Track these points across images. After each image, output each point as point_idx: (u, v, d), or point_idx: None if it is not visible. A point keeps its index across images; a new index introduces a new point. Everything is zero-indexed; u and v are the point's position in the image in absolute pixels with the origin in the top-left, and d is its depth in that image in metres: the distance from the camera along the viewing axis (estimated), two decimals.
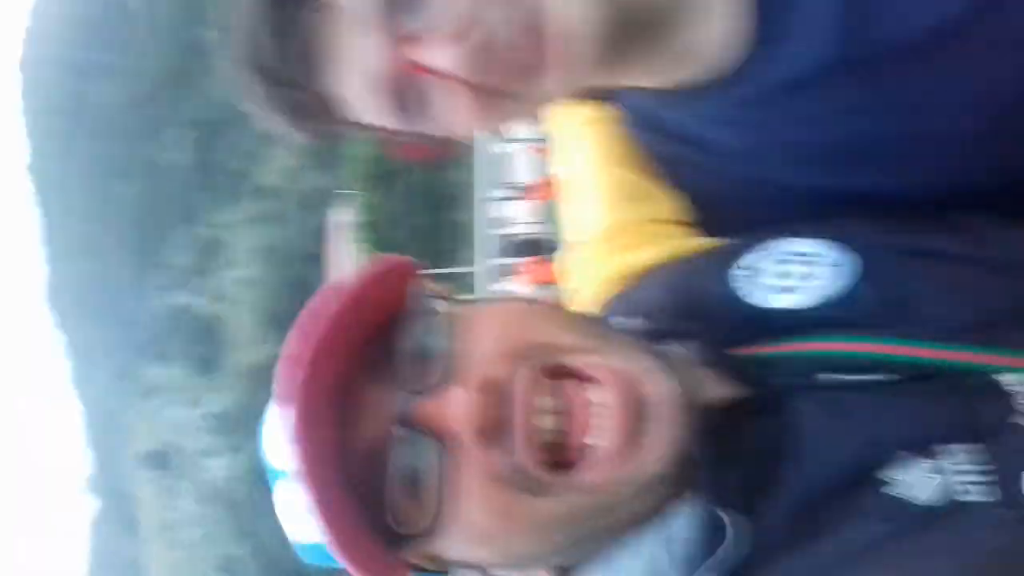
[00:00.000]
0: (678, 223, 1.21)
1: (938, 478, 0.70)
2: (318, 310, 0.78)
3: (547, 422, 0.74)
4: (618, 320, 1.02)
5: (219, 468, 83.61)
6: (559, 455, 0.74)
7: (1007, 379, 0.79)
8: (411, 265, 0.87)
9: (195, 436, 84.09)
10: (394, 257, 0.86)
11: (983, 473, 0.70)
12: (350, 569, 0.75)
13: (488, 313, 0.83)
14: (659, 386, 0.75)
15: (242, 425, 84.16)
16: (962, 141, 1.00)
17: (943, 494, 0.69)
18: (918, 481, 0.71)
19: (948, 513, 0.68)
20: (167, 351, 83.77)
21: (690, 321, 0.94)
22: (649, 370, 0.77)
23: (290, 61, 0.93)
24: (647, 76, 1.07)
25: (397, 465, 0.75)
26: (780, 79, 1.00)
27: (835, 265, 0.91)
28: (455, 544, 0.78)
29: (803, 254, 0.94)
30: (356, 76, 0.92)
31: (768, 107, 1.03)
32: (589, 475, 0.73)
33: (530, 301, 0.86)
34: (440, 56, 0.87)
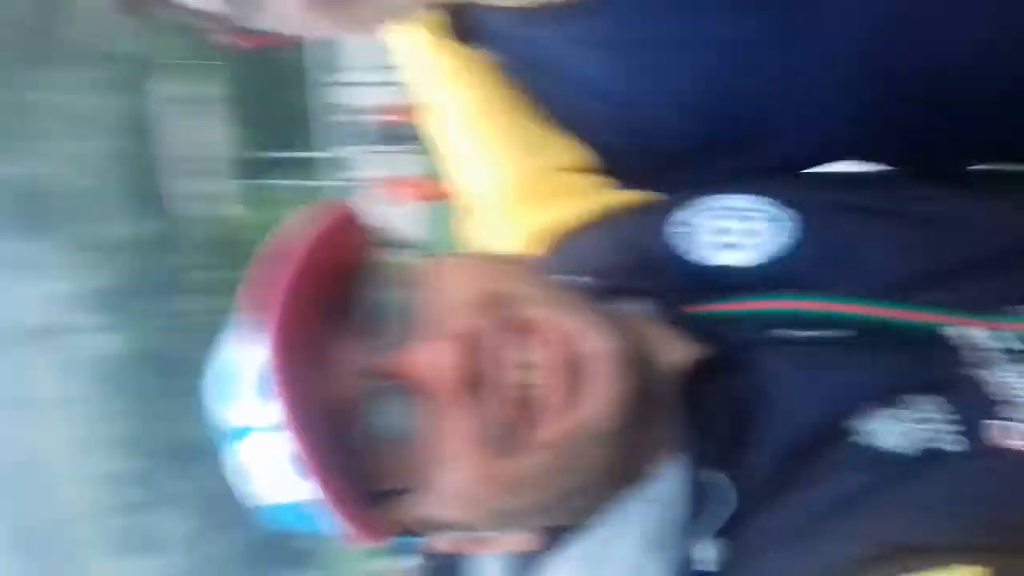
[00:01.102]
0: (586, 170, 1.18)
1: (903, 426, 0.74)
2: (278, 257, 0.77)
3: (514, 376, 0.77)
4: (557, 277, 1.00)
5: (109, 346, 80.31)
6: (521, 413, 0.76)
7: (950, 333, 0.84)
8: (365, 215, 0.87)
9: (80, 312, 79.94)
10: (344, 205, 0.85)
11: (949, 423, 0.74)
12: (342, 526, 0.76)
13: (450, 264, 0.85)
14: (598, 343, 0.78)
15: (120, 302, 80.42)
16: (838, 80, 1.00)
17: (911, 442, 0.73)
18: (884, 429, 0.75)
19: (922, 462, 0.72)
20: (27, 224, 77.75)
21: (639, 279, 0.96)
22: (590, 325, 0.79)
23: None
24: None
25: (371, 420, 0.76)
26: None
27: (775, 220, 0.93)
28: (436, 501, 0.80)
29: (739, 210, 0.96)
30: None
31: (639, 34, 1.01)
32: (540, 432, 0.75)
33: (488, 254, 0.83)
34: None
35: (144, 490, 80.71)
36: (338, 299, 0.81)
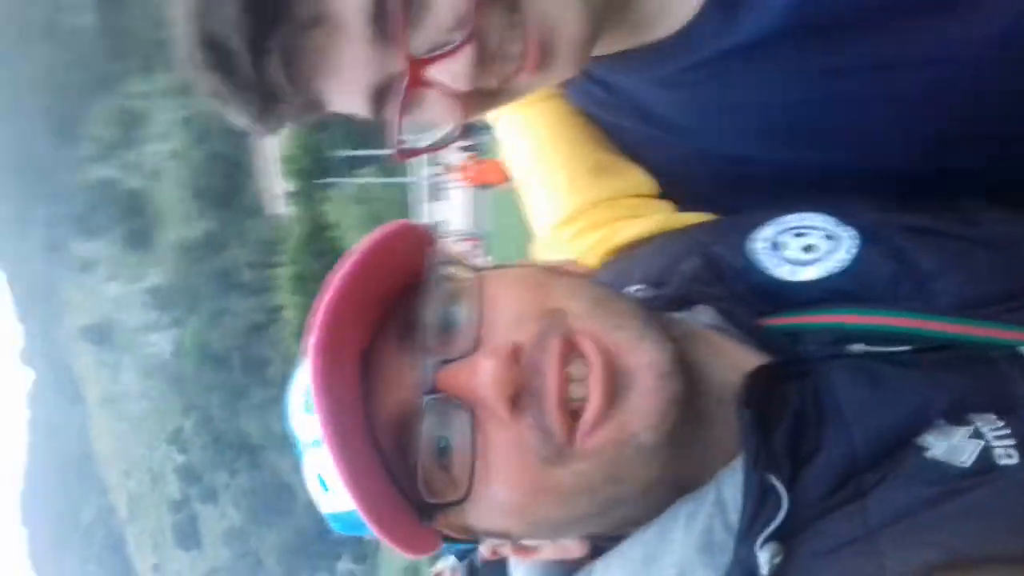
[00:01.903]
0: (655, 196, 1.19)
1: (979, 443, 0.73)
2: (333, 275, 0.78)
3: (578, 391, 0.75)
4: (613, 289, 0.98)
5: (161, 343, 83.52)
6: (566, 423, 0.76)
7: None
8: (426, 230, 0.87)
9: (134, 311, 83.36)
10: (407, 222, 0.86)
11: (1005, 438, 0.74)
12: (382, 538, 0.76)
13: (506, 279, 0.84)
14: (644, 356, 0.76)
15: (180, 301, 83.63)
16: (912, 107, 0.99)
17: (968, 456, 0.73)
18: (957, 446, 0.74)
19: (981, 475, 0.71)
20: (96, 225, 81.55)
21: (709, 287, 0.95)
22: (638, 338, 0.78)
23: (267, 71, 0.88)
24: (606, 45, 1.03)
25: (426, 434, 0.76)
26: (734, 44, 0.99)
27: (849, 239, 0.92)
28: (482, 514, 0.78)
29: (820, 228, 0.95)
30: (353, 86, 0.90)
31: (721, 73, 1.02)
32: (585, 441, 0.75)
33: (543, 266, 0.87)
34: (446, 72, 0.88)
35: (191, 486, 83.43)
36: (401, 314, 0.80)
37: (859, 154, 1.04)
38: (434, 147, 0.98)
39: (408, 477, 0.76)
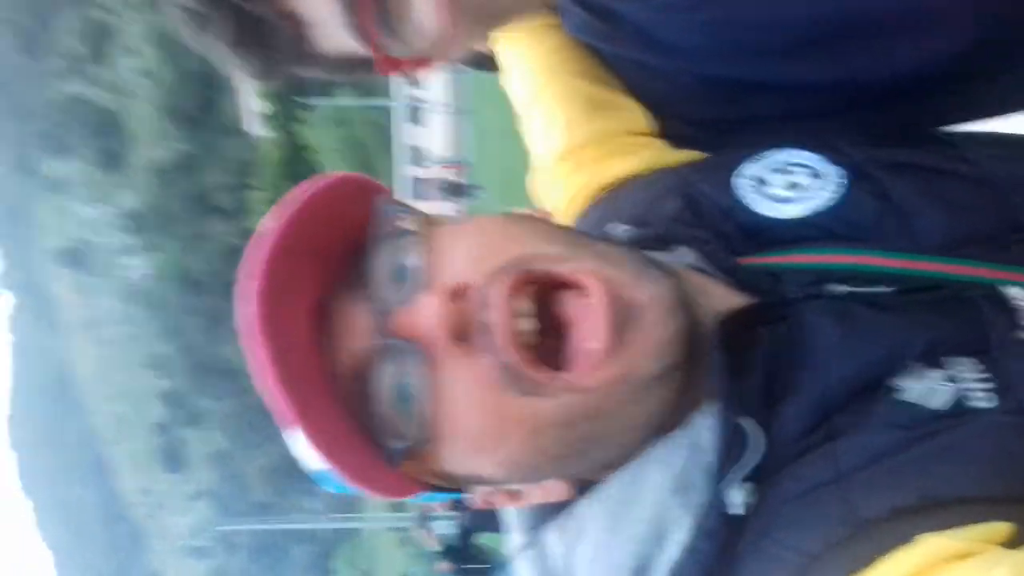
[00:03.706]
0: (651, 134, 1.16)
1: (951, 386, 0.73)
2: (267, 223, 0.77)
3: (527, 324, 0.75)
4: (602, 228, 1.01)
5: (138, 267, 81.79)
6: (551, 359, 0.75)
7: (1013, 292, 0.81)
8: (373, 182, 0.86)
9: (109, 234, 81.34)
10: (352, 174, 0.85)
11: (983, 381, 0.73)
12: (350, 481, 0.76)
13: (464, 227, 0.83)
14: (645, 290, 0.77)
15: (156, 224, 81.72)
16: (925, 17, 0.99)
17: (945, 399, 0.73)
18: (931, 389, 0.74)
19: (954, 418, 0.72)
20: (67, 144, 78.76)
21: (690, 227, 0.94)
22: (635, 274, 0.78)
23: None
24: None
25: (383, 378, 0.76)
26: None
27: (836, 177, 0.92)
28: (454, 456, 0.78)
29: (805, 165, 0.95)
30: None
31: None
32: (582, 377, 0.74)
33: (509, 215, 0.86)
34: None
35: (173, 409, 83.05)
36: (356, 266, 0.81)
37: (867, 65, 1.03)
38: (419, 59, 0.94)
39: (371, 423, 0.76)
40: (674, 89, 1.11)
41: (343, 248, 0.81)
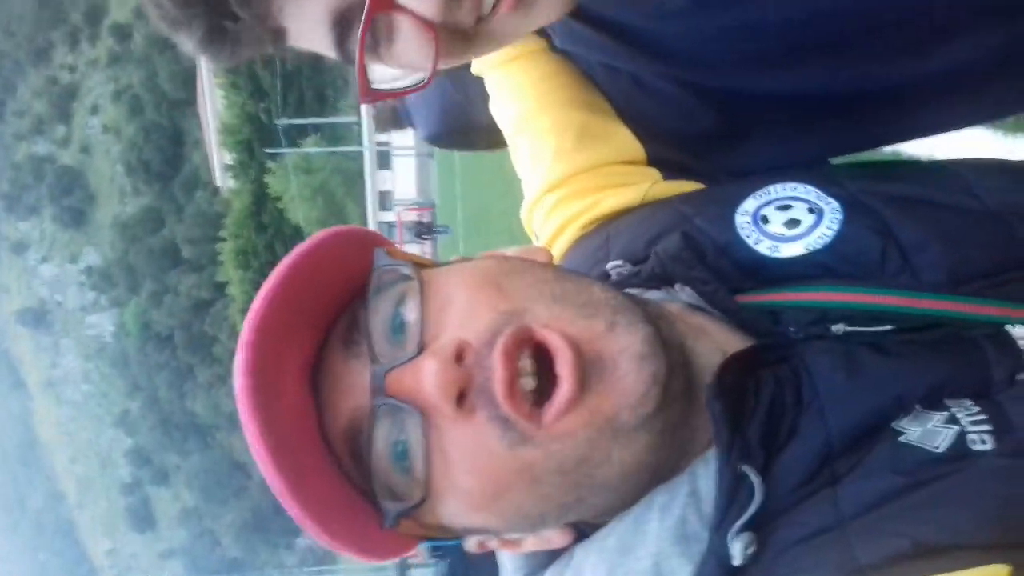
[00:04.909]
0: (642, 163, 1.13)
1: (953, 428, 0.72)
2: (266, 283, 0.76)
3: (527, 384, 0.74)
4: (594, 263, 1.00)
5: (101, 324, 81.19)
6: (523, 408, 0.74)
7: (1019, 332, 0.80)
8: (371, 232, 0.85)
9: (71, 292, 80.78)
10: (350, 228, 0.84)
11: (981, 423, 0.72)
12: (355, 555, 0.75)
13: (459, 276, 0.82)
14: (617, 341, 0.75)
15: (120, 280, 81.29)
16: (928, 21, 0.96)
17: (956, 444, 0.72)
18: (932, 431, 0.73)
19: (953, 462, 0.71)
20: (29, 204, 78.55)
21: (689, 268, 0.92)
22: (609, 324, 0.76)
23: None
24: None
25: (380, 438, 0.75)
26: None
27: (834, 212, 0.90)
28: (453, 511, 0.77)
29: (804, 199, 0.93)
30: (316, 7, 0.84)
31: None
32: (551, 425, 0.73)
33: (500, 259, 0.85)
34: None
35: (141, 468, 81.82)
36: (351, 321, 0.78)
37: (868, 72, 1.01)
38: (404, 91, 0.93)
39: (368, 484, 0.76)
40: (667, 102, 1.10)
41: (337, 301, 0.80)
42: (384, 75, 0.89)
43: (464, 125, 1.48)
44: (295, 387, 0.76)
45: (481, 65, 1.21)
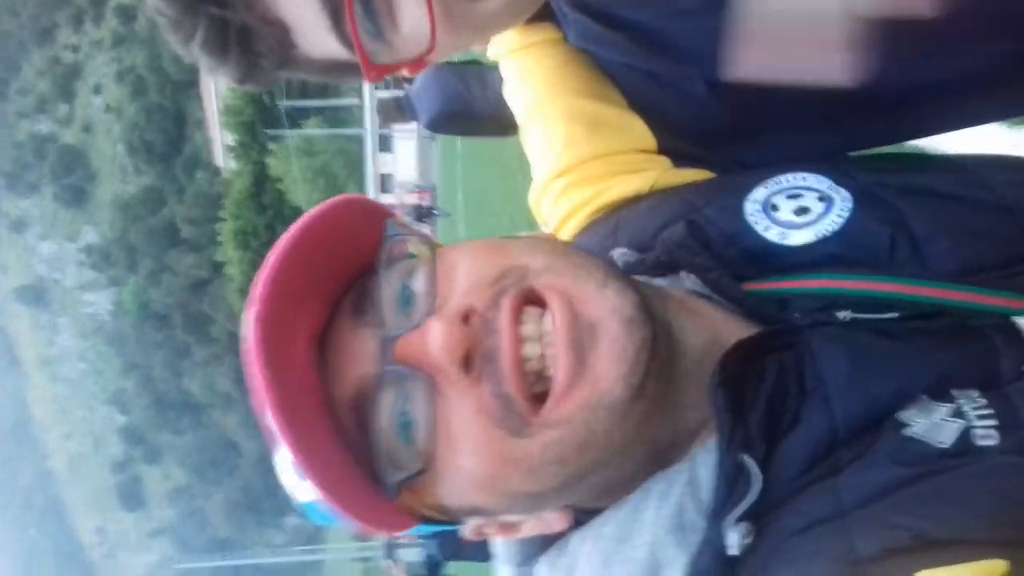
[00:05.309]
0: (653, 152, 1.16)
1: (958, 423, 0.72)
2: (274, 248, 0.77)
3: (533, 350, 0.74)
4: (602, 249, 1.02)
5: (99, 302, 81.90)
6: (540, 387, 0.74)
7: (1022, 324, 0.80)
8: (379, 205, 0.86)
9: (70, 270, 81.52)
10: (359, 196, 0.85)
11: (987, 417, 0.72)
12: (352, 520, 0.74)
13: (465, 247, 0.83)
14: (607, 302, 0.75)
15: (119, 258, 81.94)
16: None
17: (948, 435, 0.71)
18: (937, 425, 0.72)
19: (957, 457, 0.70)
20: (31, 182, 79.26)
21: (695, 255, 0.92)
22: (601, 286, 0.76)
23: None
24: None
25: (386, 407, 0.75)
26: None
27: (844, 200, 0.91)
28: (452, 489, 0.77)
29: (814, 188, 0.94)
30: None
31: None
32: (551, 410, 0.73)
33: (510, 236, 0.86)
34: None
35: (134, 447, 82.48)
36: (361, 291, 0.79)
37: (878, 72, 0.99)
38: (407, 63, 0.92)
39: (369, 453, 0.75)
40: (682, 98, 1.11)
41: (347, 272, 0.81)
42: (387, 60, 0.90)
43: (464, 111, 1.69)
44: (303, 352, 0.77)
45: (496, 50, 1.25)
